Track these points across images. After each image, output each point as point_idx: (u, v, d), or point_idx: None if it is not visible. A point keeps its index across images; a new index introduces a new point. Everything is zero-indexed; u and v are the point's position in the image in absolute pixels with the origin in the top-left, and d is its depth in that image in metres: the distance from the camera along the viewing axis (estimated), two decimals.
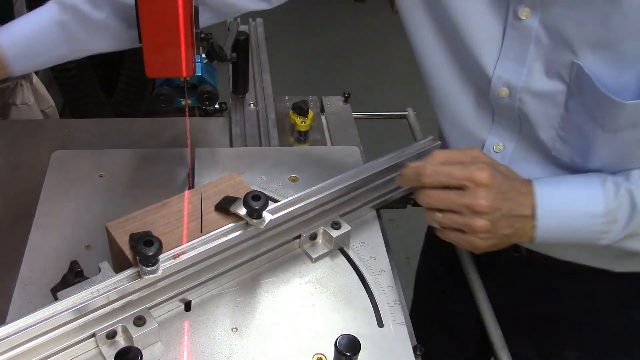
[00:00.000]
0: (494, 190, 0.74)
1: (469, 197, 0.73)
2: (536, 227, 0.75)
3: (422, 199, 0.78)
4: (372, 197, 0.93)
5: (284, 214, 0.81)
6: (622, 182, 0.74)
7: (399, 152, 0.93)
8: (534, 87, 0.78)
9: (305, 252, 0.87)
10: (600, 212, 0.73)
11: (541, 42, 0.75)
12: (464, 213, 0.74)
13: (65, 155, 1.01)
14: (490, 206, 0.73)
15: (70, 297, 0.69)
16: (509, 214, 0.75)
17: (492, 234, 0.75)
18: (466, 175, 0.74)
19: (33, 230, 0.87)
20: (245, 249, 0.80)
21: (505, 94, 0.81)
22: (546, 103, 0.78)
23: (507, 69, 0.79)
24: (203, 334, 0.76)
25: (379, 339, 0.77)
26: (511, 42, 0.78)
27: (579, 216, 0.75)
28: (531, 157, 0.84)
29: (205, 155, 1.02)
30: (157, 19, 0.72)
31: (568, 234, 0.76)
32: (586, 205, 0.74)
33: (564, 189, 0.77)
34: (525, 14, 0.74)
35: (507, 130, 0.85)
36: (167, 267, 0.73)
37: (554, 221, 0.75)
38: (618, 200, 0.73)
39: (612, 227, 0.74)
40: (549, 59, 0.76)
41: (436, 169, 0.75)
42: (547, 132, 0.80)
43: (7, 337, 0.65)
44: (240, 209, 0.78)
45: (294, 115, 1.16)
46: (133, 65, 1.72)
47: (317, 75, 3.42)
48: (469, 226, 0.74)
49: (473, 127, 0.89)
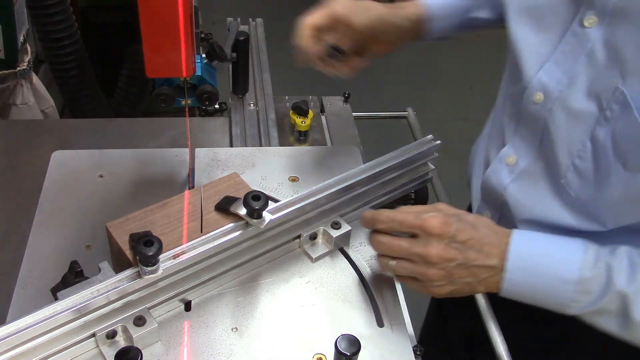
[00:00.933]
0: (446, 240, 0.74)
1: (420, 246, 0.74)
2: (503, 279, 0.74)
3: (374, 245, 0.78)
4: (372, 197, 0.93)
5: (284, 214, 0.81)
6: (604, 255, 0.72)
7: (399, 151, 0.93)
8: (568, 102, 0.74)
9: (305, 252, 0.87)
10: (574, 279, 0.71)
11: (594, 57, 0.71)
12: (417, 262, 0.75)
13: (65, 155, 1.01)
14: (440, 256, 0.73)
15: (70, 297, 0.69)
16: (468, 264, 0.74)
17: (449, 282, 0.75)
18: (418, 223, 0.75)
19: (33, 230, 0.87)
20: (245, 249, 0.80)
21: (539, 99, 0.77)
22: (575, 123, 0.74)
23: (551, 74, 0.76)
24: (203, 334, 0.76)
25: (379, 339, 0.77)
26: (565, 48, 0.74)
27: (550, 278, 0.73)
28: (538, 180, 0.81)
29: (205, 155, 1.02)
30: (157, 19, 0.72)
31: (536, 293, 0.74)
32: (560, 268, 0.72)
33: (543, 246, 0.75)
34: (590, 22, 0.71)
35: (525, 143, 0.82)
36: (167, 267, 0.73)
37: (523, 277, 0.74)
38: (594, 272, 0.71)
39: (582, 297, 0.72)
40: (594, 77, 0.71)
41: (391, 216, 0.77)
42: (565, 156, 0.76)
43: (7, 337, 0.65)
44: (240, 209, 0.78)
45: (294, 115, 1.16)
46: (133, 65, 1.72)
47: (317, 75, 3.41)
48: (422, 275, 0.75)
49: (502, 133, 0.87)
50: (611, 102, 0.69)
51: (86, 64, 1.56)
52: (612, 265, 0.71)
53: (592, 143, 0.72)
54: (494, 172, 0.86)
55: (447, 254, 0.73)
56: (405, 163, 0.94)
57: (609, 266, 0.71)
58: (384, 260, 0.78)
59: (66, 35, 1.45)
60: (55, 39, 1.44)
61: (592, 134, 0.72)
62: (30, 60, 1.49)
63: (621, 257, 0.72)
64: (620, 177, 0.70)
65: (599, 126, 0.71)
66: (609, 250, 0.73)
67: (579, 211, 0.77)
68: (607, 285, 0.70)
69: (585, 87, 0.72)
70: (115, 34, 1.83)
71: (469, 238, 0.74)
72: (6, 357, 0.65)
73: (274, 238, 0.83)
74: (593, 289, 0.71)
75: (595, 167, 0.73)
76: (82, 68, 1.54)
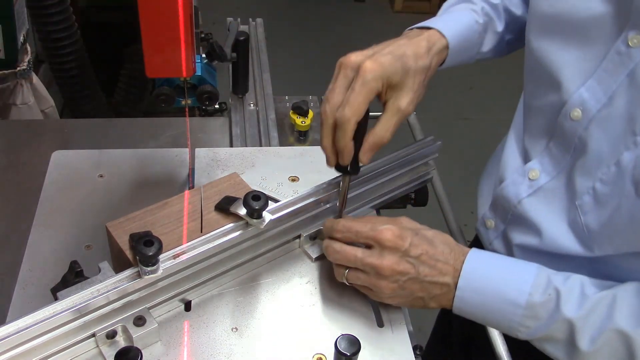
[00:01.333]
0: (399, 254, 0.74)
1: (374, 257, 0.74)
2: (455, 295, 0.74)
3: (329, 253, 0.79)
4: (372, 197, 0.93)
5: (283, 214, 0.81)
6: (556, 282, 0.72)
7: (400, 151, 0.93)
8: (605, 122, 0.72)
9: (305, 252, 0.87)
10: (522, 303, 0.71)
11: (635, 78, 0.69)
12: (369, 272, 0.75)
13: (65, 155, 1.01)
14: (392, 269, 0.73)
15: (70, 297, 0.69)
16: (421, 279, 0.74)
17: (400, 294, 0.75)
18: (372, 234, 0.75)
19: (33, 230, 0.87)
20: (245, 249, 0.80)
21: (577, 116, 0.74)
22: (607, 145, 0.71)
23: (592, 91, 0.73)
24: (203, 334, 0.76)
25: (379, 339, 0.77)
26: (608, 66, 0.71)
27: (500, 300, 0.72)
28: (554, 198, 0.79)
29: (205, 155, 1.02)
30: (157, 19, 0.72)
31: (487, 315, 0.74)
32: (510, 291, 0.72)
33: (496, 267, 0.75)
34: (635, 42, 0.68)
35: (553, 160, 0.79)
36: (167, 267, 0.73)
37: (474, 297, 0.74)
38: (544, 298, 0.71)
39: (531, 322, 0.71)
40: (633, 99, 0.69)
41: (347, 225, 0.77)
42: (588, 177, 0.73)
43: (7, 337, 0.65)
44: (240, 209, 0.78)
45: (294, 115, 1.16)
46: (133, 65, 1.72)
47: (317, 75, 3.41)
48: (374, 286, 0.75)
49: (527, 143, 0.85)
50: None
51: (86, 64, 1.56)
52: (562, 292, 0.71)
53: (617, 167, 0.70)
54: (513, 184, 0.84)
55: (399, 267, 0.74)
56: (405, 163, 0.94)
57: (559, 293, 0.71)
58: (339, 270, 0.78)
59: (66, 35, 1.45)
60: (55, 39, 1.44)
61: (619, 158, 0.70)
62: (30, 60, 1.49)
63: (573, 285, 0.72)
64: (629, 202, 0.68)
65: (627, 151, 0.69)
66: (562, 278, 0.73)
67: (581, 235, 0.75)
68: (556, 312, 0.70)
69: (623, 109, 0.70)
70: (115, 34, 1.83)
71: (423, 253, 0.75)
72: (6, 357, 0.65)
73: (273, 238, 0.83)
74: (542, 314, 0.71)
75: (613, 192, 0.70)
76: (82, 68, 1.54)
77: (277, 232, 0.83)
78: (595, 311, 0.69)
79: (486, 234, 0.91)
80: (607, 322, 0.68)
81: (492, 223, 0.89)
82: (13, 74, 1.45)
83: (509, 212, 0.84)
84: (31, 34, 1.57)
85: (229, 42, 1.15)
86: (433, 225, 0.79)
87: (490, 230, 0.89)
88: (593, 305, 0.70)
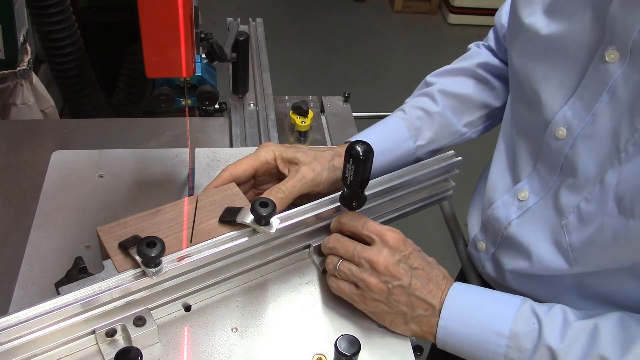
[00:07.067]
0: (398, 256, 0.74)
1: (373, 251, 0.75)
2: (438, 325, 0.74)
3: (330, 242, 0.79)
4: (386, 210, 0.91)
5: (293, 223, 0.80)
6: (539, 312, 0.72)
7: (417, 165, 0.92)
8: (589, 141, 0.71)
9: (314, 262, 0.86)
10: (506, 333, 0.71)
11: (616, 95, 0.68)
12: (363, 266, 0.75)
13: (65, 155, 1.01)
14: (387, 267, 0.73)
15: (71, 293, 0.69)
16: (410, 290, 0.74)
17: (386, 300, 0.75)
18: (378, 229, 0.76)
19: (33, 230, 0.87)
20: (252, 255, 0.80)
21: (561, 135, 0.74)
22: (592, 163, 0.71)
23: (576, 109, 0.73)
24: (203, 334, 0.76)
25: (379, 339, 0.77)
26: (588, 83, 0.71)
27: (483, 330, 0.72)
28: (542, 218, 0.79)
29: (205, 155, 1.02)
30: (157, 19, 0.72)
31: (470, 346, 0.73)
32: (494, 320, 0.72)
33: (480, 297, 0.76)
34: (612, 57, 0.67)
35: (541, 180, 0.79)
36: (171, 269, 0.73)
37: (457, 326, 0.74)
38: (527, 328, 0.71)
39: (515, 355, 0.71)
40: (616, 116, 0.68)
41: (357, 216, 0.78)
42: (574, 197, 0.73)
43: (7, 328, 0.65)
44: (247, 217, 0.77)
45: (294, 115, 1.16)
46: (133, 65, 1.72)
47: (317, 75, 3.42)
48: (364, 281, 0.74)
49: (516, 162, 0.84)
50: (629, 144, 0.66)
51: (86, 64, 1.56)
52: (544, 322, 0.71)
53: (600, 185, 0.69)
54: (504, 205, 0.84)
55: (394, 268, 0.74)
56: (422, 178, 0.92)
57: (541, 322, 0.71)
58: (333, 259, 0.78)
59: (66, 35, 1.45)
60: (55, 39, 1.44)
61: (603, 177, 0.69)
62: (30, 60, 1.49)
63: (555, 315, 0.72)
64: (612, 221, 0.68)
65: (612, 168, 0.68)
66: (545, 308, 0.73)
67: (565, 254, 0.75)
68: (538, 341, 0.70)
69: (607, 126, 0.69)
70: (115, 34, 1.83)
71: (420, 267, 0.76)
72: (5, 347, 0.65)
73: (282, 246, 0.82)
74: (525, 345, 0.71)
75: (598, 212, 0.70)
76: (82, 68, 1.54)
77: (285, 240, 0.82)
78: (578, 339, 0.69)
79: (477, 256, 0.91)
80: (590, 349, 0.68)
81: (483, 245, 0.89)
82: (13, 74, 1.45)
83: (499, 233, 0.84)
84: (31, 34, 1.56)
85: (229, 42, 1.15)
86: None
87: (482, 252, 0.90)
88: (576, 334, 0.70)
